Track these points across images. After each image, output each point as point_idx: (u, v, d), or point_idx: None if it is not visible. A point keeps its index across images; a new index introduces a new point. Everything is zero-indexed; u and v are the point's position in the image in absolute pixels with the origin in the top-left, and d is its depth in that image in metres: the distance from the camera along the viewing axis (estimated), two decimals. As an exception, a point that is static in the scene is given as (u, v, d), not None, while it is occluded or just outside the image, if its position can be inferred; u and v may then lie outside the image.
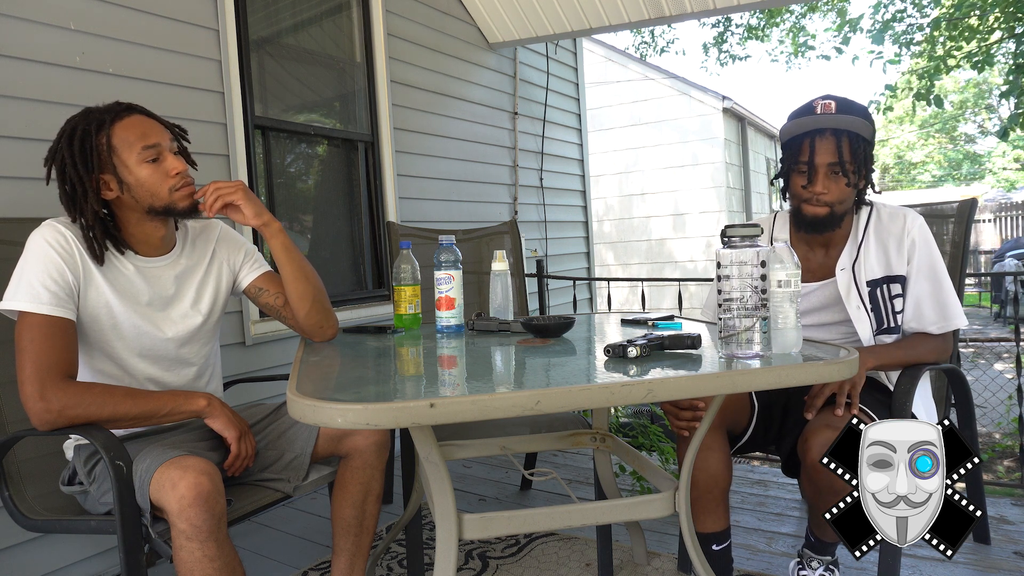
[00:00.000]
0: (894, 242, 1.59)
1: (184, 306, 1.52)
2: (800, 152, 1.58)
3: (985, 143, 23.67)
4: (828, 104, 1.55)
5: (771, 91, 71.37)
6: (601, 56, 9.63)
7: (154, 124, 1.43)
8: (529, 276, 3.58)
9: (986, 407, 4.43)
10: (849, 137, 1.53)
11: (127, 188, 1.39)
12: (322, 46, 3.22)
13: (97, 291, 1.39)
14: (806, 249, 1.69)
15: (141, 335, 1.44)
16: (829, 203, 1.56)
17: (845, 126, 1.53)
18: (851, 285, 1.61)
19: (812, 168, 1.56)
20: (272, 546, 2.27)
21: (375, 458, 1.51)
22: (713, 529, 1.57)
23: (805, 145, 1.56)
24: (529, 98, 4.68)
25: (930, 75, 7.42)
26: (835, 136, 1.53)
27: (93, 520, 1.40)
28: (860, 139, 1.54)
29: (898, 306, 1.60)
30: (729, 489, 1.58)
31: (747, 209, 9.91)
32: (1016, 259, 10.44)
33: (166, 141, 1.42)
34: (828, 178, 1.55)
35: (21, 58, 2.01)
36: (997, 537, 2.07)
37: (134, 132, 1.38)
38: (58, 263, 1.33)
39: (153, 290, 1.46)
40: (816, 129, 1.55)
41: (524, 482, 2.73)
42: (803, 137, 1.57)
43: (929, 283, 1.58)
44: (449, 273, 1.67)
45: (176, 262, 1.52)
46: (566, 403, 0.96)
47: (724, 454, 1.56)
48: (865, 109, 1.57)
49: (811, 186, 1.56)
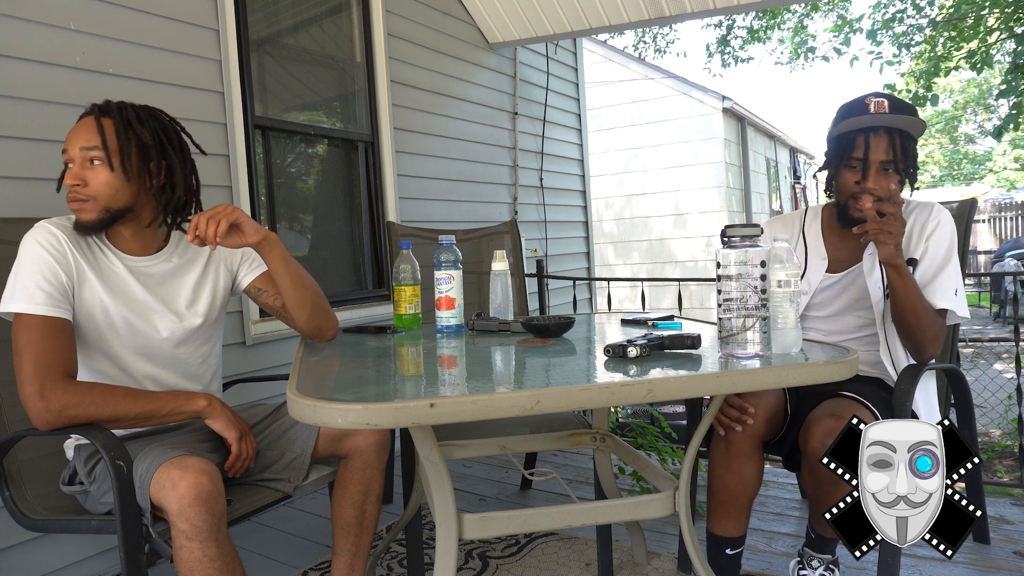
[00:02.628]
0: (918, 227, 1.61)
1: (178, 306, 1.50)
2: (853, 148, 1.60)
3: (985, 143, 23.68)
4: (881, 102, 1.57)
5: (771, 91, 71.39)
6: (601, 56, 9.63)
7: (80, 131, 1.38)
8: (529, 276, 3.58)
9: (986, 407, 4.43)
10: (901, 136, 1.56)
11: None
12: (322, 46, 3.22)
13: (91, 290, 1.39)
14: (838, 240, 1.71)
15: (136, 334, 1.44)
16: (880, 199, 1.56)
17: (899, 125, 1.55)
18: (875, 265, 1.62)
19: (866, 165, 1.58)
20: (272, 546, 2.27)
21: (375, 458, 1.51)
22: (732, 534, 1.58)
23: (859, 141, 1.58)
24: (529, 98, 4.68)
25: (928, 76, 7.42)
26: (888, 134, 1.56)
27: (93, 520, 1.40)
28: (910, 138, 1.57)
29: None
30: (755, 497, 1.59)
31: (747, 209, 9.91)
32: (1016, 259, 10.44)
33: (75, 150, 1.37)
34: (880, 175, 1.58)
35: (21, 58, 2.01)
36: (997, 537, 2.07)
37: (67, 137, 1.39)
38: (51, 263, 1.33)
39: (145, 289, 1.46)
40: (871, 127, 1.57)
41: (524, 482, 2.73)
42: (857, 134, 1.59)
43: (934, 264, 1.58)
44: (449, 273, 1.67)
45: (167, 261, 1.50)
46: (566, 403, 0.96)
47: (759, 463, 1.57)
48: (915, 109, 1.60)
49: (864, 182, 1.58)
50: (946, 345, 1.90)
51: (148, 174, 1.42)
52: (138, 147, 1.40)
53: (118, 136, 1.38)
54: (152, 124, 1.44)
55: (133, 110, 1.43)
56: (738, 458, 1.54)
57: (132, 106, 1.44)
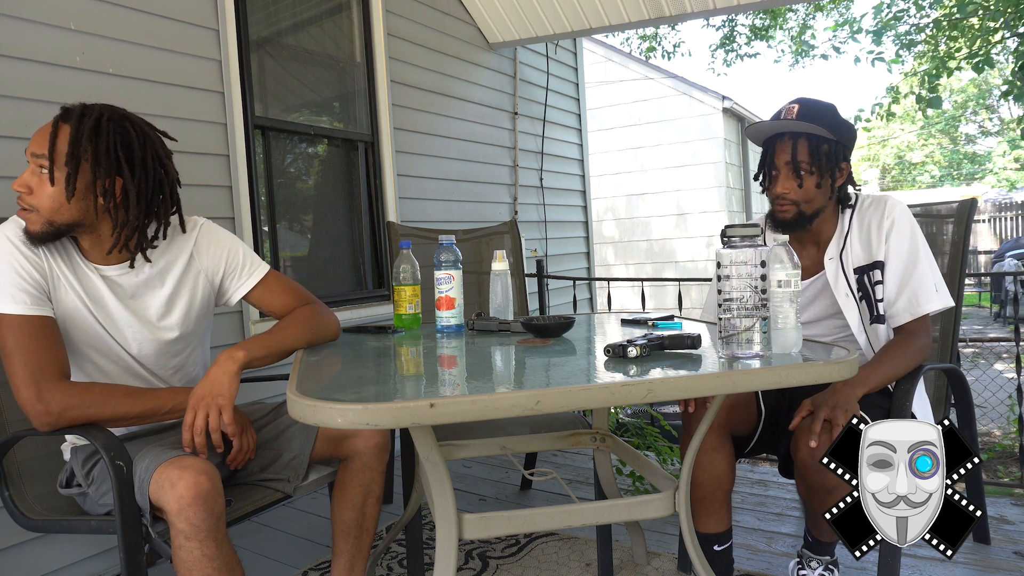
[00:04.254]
0: (875, 226, 1.61)
1: (149, 318, 1.44)
2: (764, 155, 1.67)
3: (985, 143, 23.67)
4: (792, 108, 1.62)
5: (771, 91, 71.37)
6: (601, 56, 9.63)
7: (37, 135, 1.31)
8: (529, 276, 3.58)
9: (986, 407, 4.43)
10: (808, 139, 1.58)
11: None
12: (322, 46, 3.22)
13: (66, 289, 1.35)
14: (798, 247, 1.71)
15: (103, 341, 1.41)
16: (794, 202, 1.61)
17: (801, 129, 1.59)
18: (839, 273, 1.63)
19: (773, 169, 1.64)
20: (272, 546, 2.27)
21: (375, 460, 1.50)
22: (715, 530, 1.58)
23: (768, 149, 1.65)
24: (529, 98, 4.68)
25: (930, 77, 7.42)
26: (792, 139, 1.59)
27: (93, 520, 1.40)
28: (821, 140, 1.58)
29: (879, 293, 1.59)
30: (731, 490, 1.58)
31: (747, 209, 9.91)
32: (1016, 259, 10.44)
33: (28, 154, 1.31)
34: (788, 179, 1.60)
35: (21, 58, 2.02)
36: (997, 537, 2.07)
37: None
38: (24, 263, 1.30)
39: (117, 300, 1.41)
40: (775, 134, 1.63)
41: (524, 482, 2.73)
42: (767, 142, 1.66)
43: (902, 266, 1.56)
44: (449, 273, 1.67)
45: (138, 272, 1.42)
46: (566, 403, 0.96)
47: (728, 456, 1.56)
48: (831, 110, 1.61)
49: (773, 187, 1.63)
50: (946, 345, 1.90)
51: (96, 192, 1.31)
52: (89, 162, 1.29)
53: (69, 147, 1.27)
54: (113, 138, 1.31)
55: (96, 119, 1.30)
56: (705, 453, 1.53)
57: (100, 114, 1.32)
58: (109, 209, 1.33)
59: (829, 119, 1.60)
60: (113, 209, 1.34)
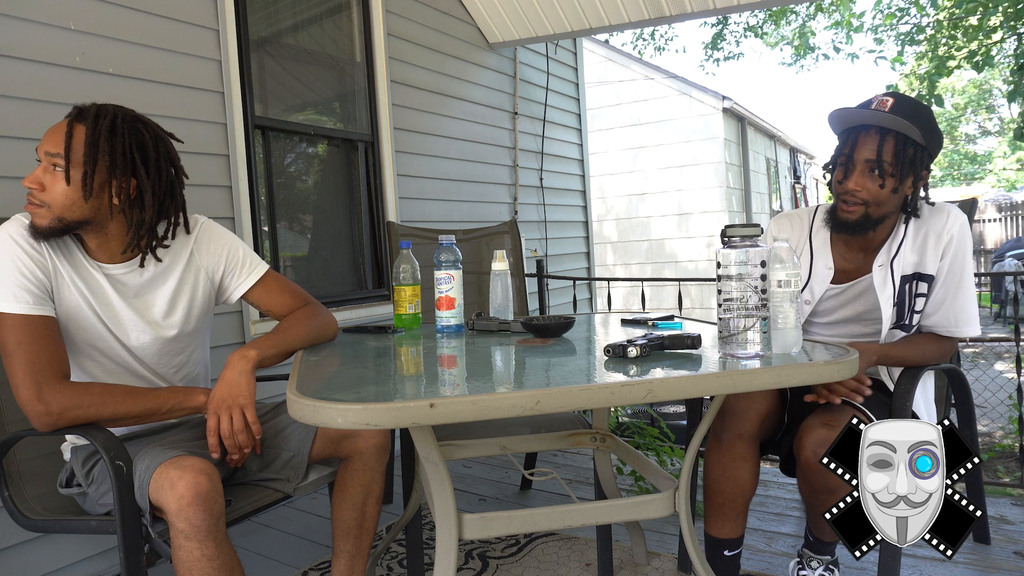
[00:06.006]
0: (933, 237, 1.54)
1: (154, 317, 1.45)
2: (844, 146, 1.54)
3: (985, 143, 23.66)
4: (885, 101, 1.49)
5: (771, 91, 71.38)
6: (601, 56, 9.63)
7: (51, 134, 1.32)
8: (529, 276, 3.58)
9: (986, 407, 4.43)
10: (896, 138, 1.47)
11: None
12: (322, 46, 3.22)
13: (69, 288, 1.35)
14: (844, 248, 1.63)
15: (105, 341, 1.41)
16: (864, 202, 1.50)
17: (893, 126, 1.46)
18: (887, 280, 1.56)
19: (850, 163, 1.51)
20: (272, 546, 2.27)
21: (375, 461, 1.49)
22: (729, 536, 1.57)
23: (849, 139, 1.53)
24: (529, 98, 4.68)
25: (931, 76, 7.42)
26: (880, 134, 1.47)
27: (93, 520, 1.40)
28: (909, 141, 1.47)
29: (918, 305, 1.56)
30: (751, 499, 1.57)
31: (747, 209, 9.91)
32: (1016, 259, 10.44)
33: (41, 152, 1.32)
34: (864, 176, 1.49)
35: (21, 58, 2.01)
36: (997, 537, 2.07)
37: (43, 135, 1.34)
38: (27, 262, 1.30)
39: (120, 298, 1.41)
40: (862, 125, 1.50)
41: (524, 482, 2.73)
42: (849, 132, 1.53)
43: (955, 287, 1.55)
44: (449, 273, 1.67)
45: (142, 271, 1.43)
46: (566, 403, 0.96)
47: (754, 465, 1.55)
48: (927, 111, 1.50)
49: (846, 181, 1.52)
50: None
51: (111, 191, 1.33)
52: (106, 162, 1.31)
53: (86, 147, 1.29)
54: (128, 139, 1.33)
55: (111, 120, 1.33)
56: (733, 461, 1.52)
57: (115, 115, 1.34)
58: (124, 209, 1.36)
59: (924, 120, 1.48)
60: (128, 209, 1.36)
